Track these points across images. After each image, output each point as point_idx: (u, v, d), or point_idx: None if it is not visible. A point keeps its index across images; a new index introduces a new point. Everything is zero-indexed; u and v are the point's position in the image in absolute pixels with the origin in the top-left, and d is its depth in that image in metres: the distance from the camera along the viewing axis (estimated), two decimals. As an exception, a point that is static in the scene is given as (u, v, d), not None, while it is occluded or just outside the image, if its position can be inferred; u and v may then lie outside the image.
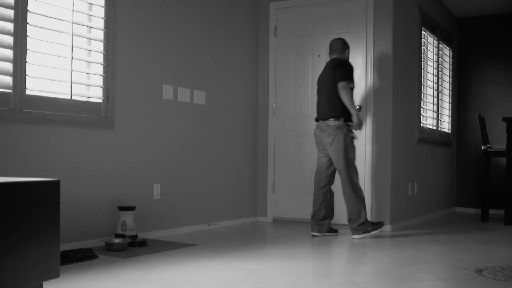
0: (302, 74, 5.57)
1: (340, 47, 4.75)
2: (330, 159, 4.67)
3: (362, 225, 4.55)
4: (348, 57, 4.79)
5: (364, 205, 4.57)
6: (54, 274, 2.20)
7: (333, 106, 4.56)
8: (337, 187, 5.23)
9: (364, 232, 4.55)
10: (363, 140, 5.30)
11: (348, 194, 4.56)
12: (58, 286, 2.70)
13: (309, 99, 5.51)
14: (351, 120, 4.58)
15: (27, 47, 3.50)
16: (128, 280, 2.91)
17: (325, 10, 5.47)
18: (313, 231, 4.68)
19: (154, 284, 2.82)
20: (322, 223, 4.68)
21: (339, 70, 4.55)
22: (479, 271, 3.25)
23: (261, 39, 5.79)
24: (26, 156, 3.50)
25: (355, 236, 4.57)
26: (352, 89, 4.61)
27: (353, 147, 4.61)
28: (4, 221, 1.97)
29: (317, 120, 4.70)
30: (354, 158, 4.62)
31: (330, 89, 4.59)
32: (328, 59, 4.85)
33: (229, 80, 5.37)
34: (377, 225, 4.62)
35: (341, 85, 4.51)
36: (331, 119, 4.56)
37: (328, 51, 4.85)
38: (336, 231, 4.85)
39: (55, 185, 2.21)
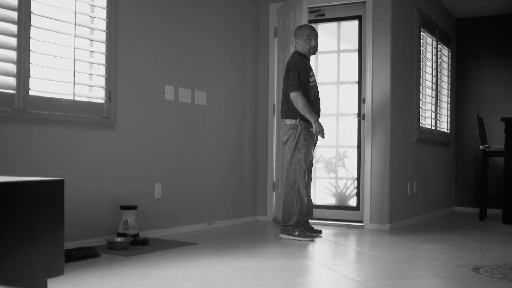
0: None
1: (296, 37, 4.58)
2: None
3: (288, 227, 4.44)
4: (305, 46, 4.52)
5: (299, 211, 4.42)
6: (58, 272, 2.24)
7: (289, 107, 4.45)
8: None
9: (288, 235, 4.42)
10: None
11: (288, 193, 4.45)
12: (62, 284, 2.75)
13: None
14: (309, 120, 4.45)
15: (31, 48, 3.54)
16: (130, 277, 2.95)
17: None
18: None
19: (156, 282, 2.86)
20: (304, 225, 4.58)
21: (290, 77, 4.42)
22: (476, 269, 3.29)
23: (261, 40, 5.83)
24: (29, 155, 3.54)
25: (281, 235, 4.46)
26: (308, 91, 4.43)
27: (307, 149, 4.44)
28: (10, 219, 2.01)
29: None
30: (305, 161, 4.43)
31: (286, 90, 4.50)
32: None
33: (230, 80, 5.41)
34: (309, 235, 4.44)
35: (292, 96, 4.38)
36: (288, 119, 4.49)
37: None
38: (319, 231, 4.69)
39: (59, 184, 2.25)
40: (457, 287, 2.87)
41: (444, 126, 6.99)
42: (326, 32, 5.83)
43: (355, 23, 5.59)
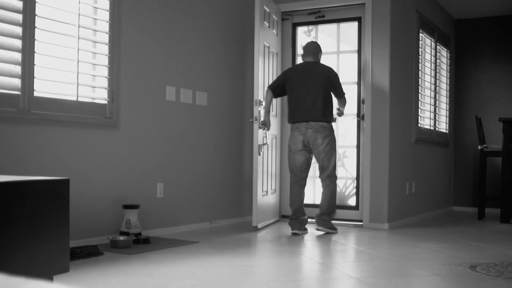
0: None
1: (314, 50, 4.93)
2: (310, 158, 4.85)
3: (330, 221, 4.85)
4: (320, 60, 4.99)
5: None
6: (63, 269, 2.30)
7: (329, 111, 4.81)
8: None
9: (328, 228, 4.82)
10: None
11: (333, 191, 4.85)
12: (67, 281, 2.80)
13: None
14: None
15: (35, 50, 3.60)
16: (133, 275, 3.01)
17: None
18: (294, 229, 4.74)
19: (158, 279, 2.91)
20: (302, 220, 4.80)
21: (338, 86, 4.87)
22: (472, 267, 3.35)
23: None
24: (33, 155, 3.60)
25: (319, 228, 4.82)
26: None
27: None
28: (16, 218, 2.07)
29: (306, 120, 4.73)
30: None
31: (324, 95, 4.75)
32: (303, 60, 4.93)
33: (231, 81, 5.47)
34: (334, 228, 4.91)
35: (345, 99, 4.97)
36: (326, 122, 4.76)
37: (302, 53, 4.97)
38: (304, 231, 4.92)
39: (65, 183, 2.30)
40: (454, 285, 2.93)
41: (443, 126, 7.04)
42: (325, 33, 5.89)
43: (355, 24, 5.64)
